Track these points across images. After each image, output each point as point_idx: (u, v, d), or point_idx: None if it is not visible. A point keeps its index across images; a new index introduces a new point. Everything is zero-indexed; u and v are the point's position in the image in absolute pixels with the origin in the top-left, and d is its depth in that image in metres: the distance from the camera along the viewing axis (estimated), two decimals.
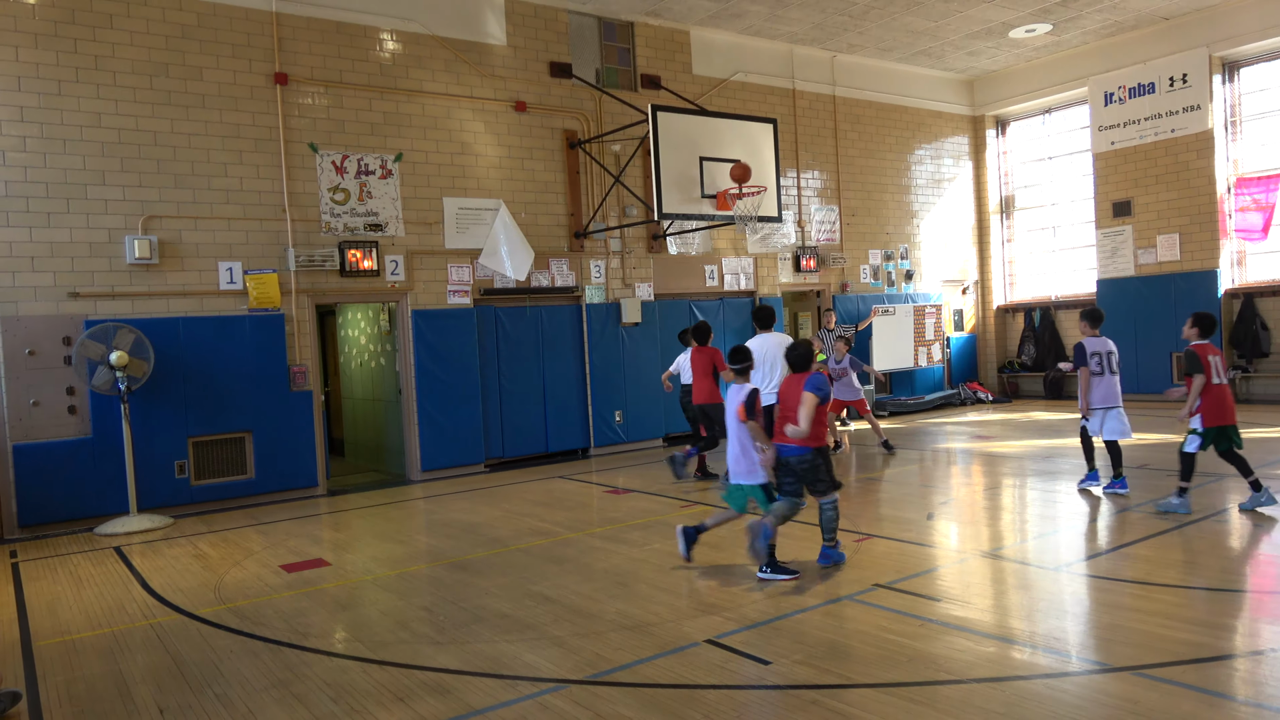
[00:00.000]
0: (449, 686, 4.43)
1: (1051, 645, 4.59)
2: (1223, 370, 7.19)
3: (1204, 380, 7.09)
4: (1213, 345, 7.30)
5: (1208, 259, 14.70)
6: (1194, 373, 7.13)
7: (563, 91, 12.51)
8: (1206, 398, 7.11)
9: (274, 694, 4.47)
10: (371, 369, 12.50)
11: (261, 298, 10.13)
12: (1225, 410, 7.14)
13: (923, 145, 17.01)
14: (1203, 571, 5.69)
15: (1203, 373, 7.08)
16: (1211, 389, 7.11)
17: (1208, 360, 7.12)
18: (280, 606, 5.99)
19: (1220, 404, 7.12)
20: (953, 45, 15.42)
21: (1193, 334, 7.41)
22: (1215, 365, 7.14)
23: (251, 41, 10.18)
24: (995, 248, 18.07)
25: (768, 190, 11.62)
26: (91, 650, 5.31)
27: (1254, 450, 9.98)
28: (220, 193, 9.97)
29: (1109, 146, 15.84)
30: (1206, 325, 7.35)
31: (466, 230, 11.62)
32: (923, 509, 8.00)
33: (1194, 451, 7.19)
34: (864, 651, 4.57)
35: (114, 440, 9.18)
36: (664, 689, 4.26)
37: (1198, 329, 7.37)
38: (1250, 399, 14.55)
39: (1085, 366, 7.96)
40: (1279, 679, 4.02)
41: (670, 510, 8.46)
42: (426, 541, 7.88)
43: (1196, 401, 7.14)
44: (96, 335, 8.86)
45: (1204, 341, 7.29)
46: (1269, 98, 14.47)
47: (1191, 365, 7.15)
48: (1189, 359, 7.18)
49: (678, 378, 10.33)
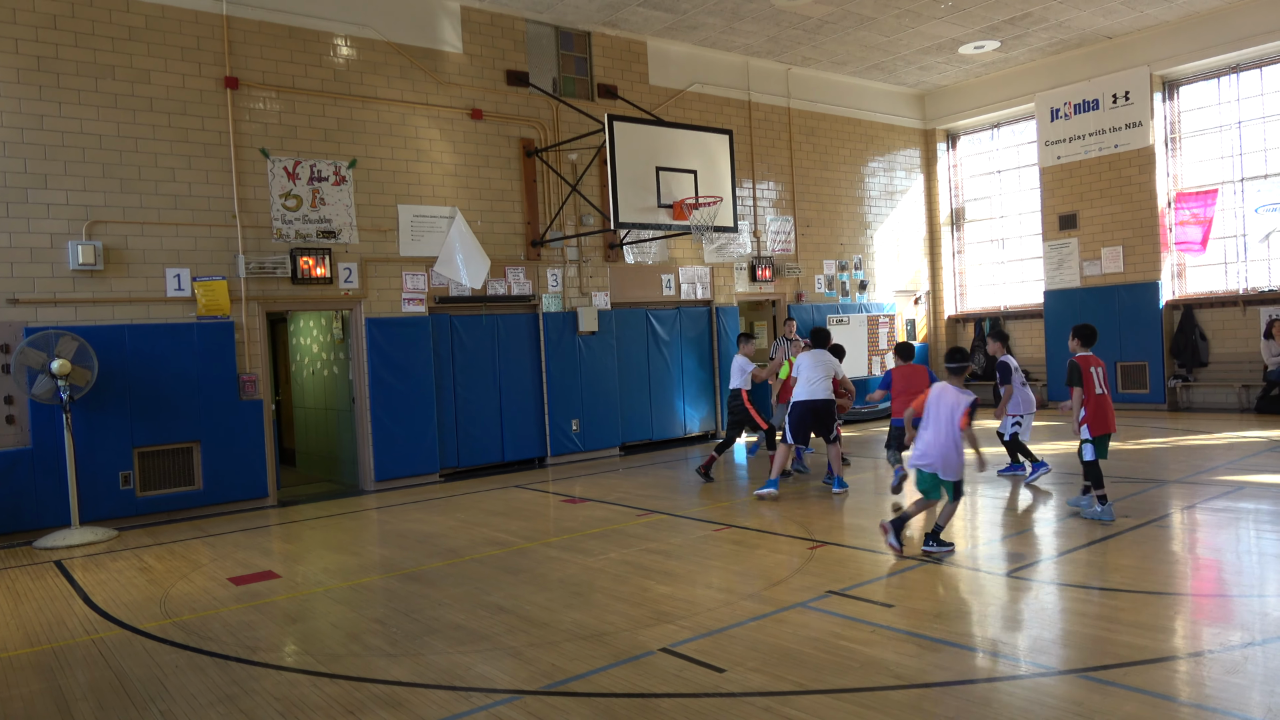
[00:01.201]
0: (401, 699, 4.38)
1: (1000, 650, 4.67)
2: (1103, 380, 7.43)
3: (1082, 391, 7.34)
4: (1095, 356, 7.53)
5: (1150, 271, 15.12)
6: (1074, 384, 7.39)
7: (519, 100, 12.49)
8: (1090, 407, 7.35)
9: (221, 709, 4.37)
10: (324, 377, 12.33)
11: (210, 305, 9.94)
12: (1108, 419, 7.40)
13: (876, 157, 17.28)
14: (1146, 576, 5.83)
15: (1082, 384, 7.35)
16: (1093, 398, 7.35)
17: (1089, 371, 7.37)
18: (228, 620, 5.87)
19: (1101, 413, 7.36)
20: (905, 60, 15.70)
21: (1074, 345, 7.68)
22: (1096, 376, 7.38)
23: (201, 45, 10.01)
24: (946, 259, 18.40)
25: (724, 200, 11.71)
26: (29, 667, 5.15)
27: (1193, 456, 10.28)
28: (168, 198, 9.77)
29: (1055, 161, 16.24)
30: (1086, 336, 7.64)
31: (422, 238, 11.53)
32: (875, 516, 8.09)
33: (1093, 459, 7.40)
34: (817, 658, 4.60)
35: (55, 451, 8.93)
36: (619, 698, 4.25)
37: (1078, 340, 7.65)
38: (1191, 407, 14.98)
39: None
40: (1218, 680, 4.13)
41: (627, 519, 8.46)
42: (379, 552, 7.78)
43: (1081, 412, 7.38)
44: (37, 343, 8.62)
45: (1086, 353, 7.55)
46: (1207, 115, 14.95)
47: (1072, 377, 7.41)
48: (1070, 370, 7.43)
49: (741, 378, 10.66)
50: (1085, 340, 7.62)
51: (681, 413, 14.15)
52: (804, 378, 9.29)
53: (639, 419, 13.63)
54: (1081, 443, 7.46)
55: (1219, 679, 4.14)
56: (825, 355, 9.45)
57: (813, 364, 9.29)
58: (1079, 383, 7.36)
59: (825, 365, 9.31)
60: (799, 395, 9.26)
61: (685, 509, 8.86)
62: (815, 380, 9.19)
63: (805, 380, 9.25)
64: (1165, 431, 12.55)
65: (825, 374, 9.26)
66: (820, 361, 9.31)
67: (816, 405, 9.18)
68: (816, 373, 9.22)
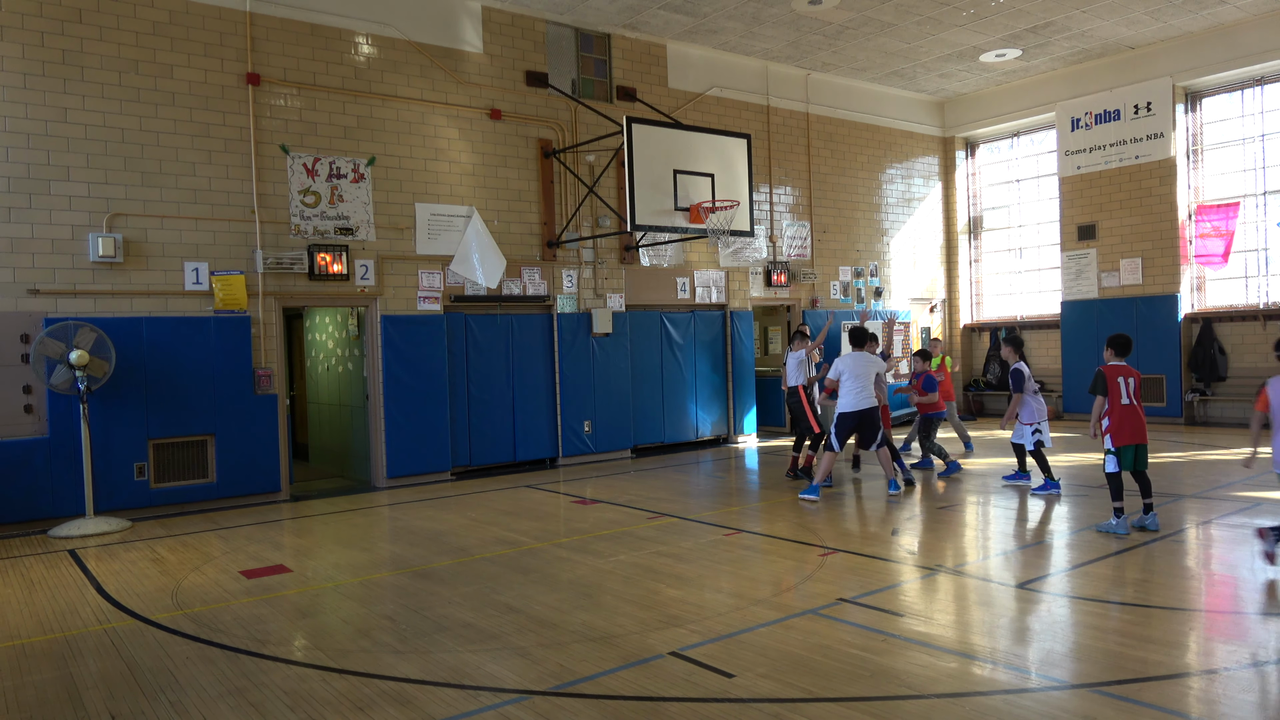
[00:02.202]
0: (410, 696, 4.38)
1: (1012, 661, 4.64)
2: (1133, 391, 7.33)
3: (1105, 400, 7.28)
4: (1128, 366, 7.43)
5: (1169, 283, 15.01)
6: (1099, 393, 7.33)
7: (538, 101, 12.52)
8: (1114, 417, 7.29)
9: (230, 701, 4.39)
10: (339, 373, 12.38)
11: (228, 299, 10.00)
12: (1135, 429, 7.31)
13: (894, 164, 17.22)
14: (1160, 590, 5.78)
15: (1106, 393, 7.29)
16: (1118, 409, 7.27)
17: (1115, 381, 7.29)
18: (239, 613, 5.90)
19: (1127, 423, 7.28)
20: (925, 67, 15.64)
21: (1108, 355, 7.58)
22: (1125, 386, 7.30)
23: (224, 41, 10.08)
24: (963, 267, 18.31)
25: (740, 205, 11.69)
26: (42, 655, 5.18)
27: (1209, 471, 10.18)
28: (188, 192, 9.84)
29: (1075, 171, 16.14)
30: (1121, 346, 7.54)
31: (438, 236, 11.57)
32: (887, 525, 8.05)
33: (1114, 471, 7.34)
34: (827, 666, 4.58)
35: (72, 440, 9.00)
36: (627, 701, 4.24)
37: (1112, 349, 7.56)
38: (1208, 421, 14.85)
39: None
40: (1231, 698, 4.09)
41: (637, 522, 8.45)
42: (390, 549, 7.80)
43: (1104, 422, 7.33)
44: (56, 333, 8.69)
45: (1118, 362, 7.45)
46: (1229, 127, 14.83)
47: (1096, 385, 7.35)
48: (1095, 378, 7.37)
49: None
50: (1120, 350, 7.51)
51: (694, 416, 14.13)
52: (850, 385, 8.97)
53: (651, 422, 13.62)
54: (1105, 453, 7.40)
55: (1233, 697, 4.09)
56: (869, 357, 9.21)
57: (857, 367, 8.99)
58: (1103, 391, 7.30)
59: (869, 366, 9.02)
60: (846, 406, 8.97)
61: (696, 512, 8.85)
62: (862, 387, 8.95)
63: (851, 389, 8.95)
64: (1182, 446, 12.45)
65: (869, 378, 8.98)
66: (865, 363, 9.05)
67: (865, 414, 9.00)
68: (861, 378, 8.93)
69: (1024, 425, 9.29)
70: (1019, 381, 9.29)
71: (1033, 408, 9.26)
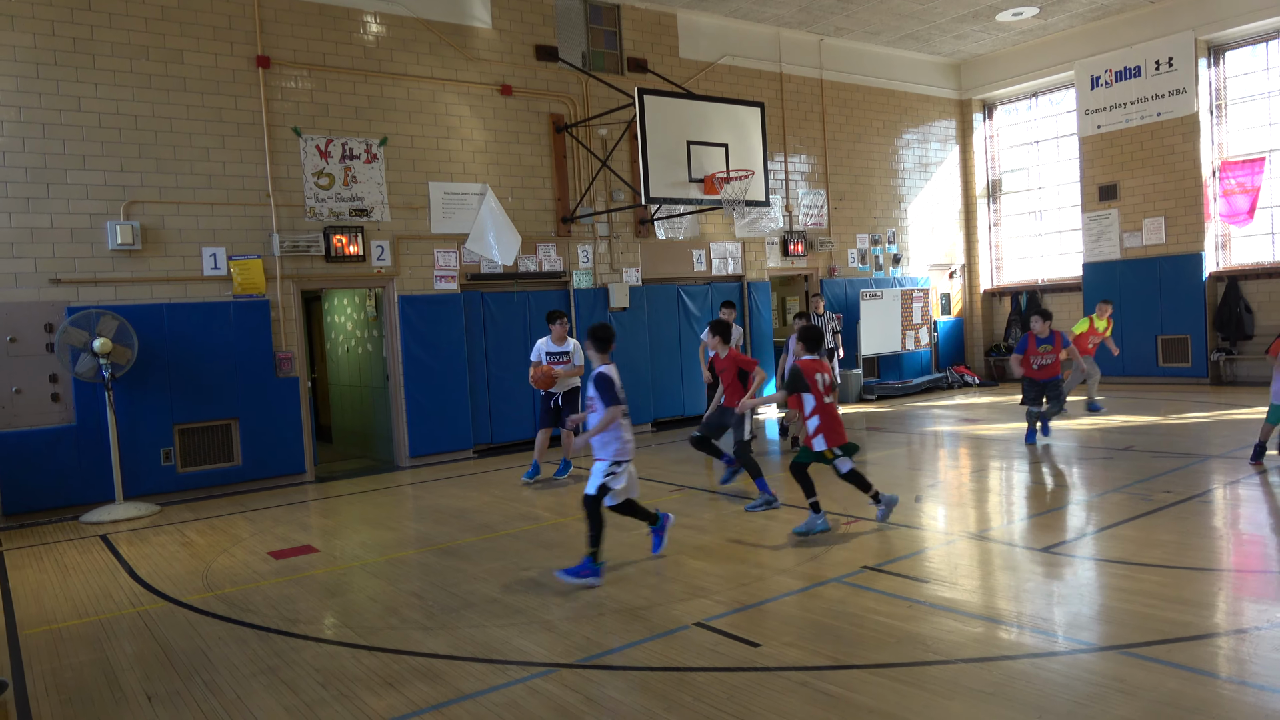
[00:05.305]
0: (439, 671, 4.43)
1: (1038, 625, 4.62)
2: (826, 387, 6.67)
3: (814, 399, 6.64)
4: (822, 361, 6.82)
5: (1193, 242, 14.78)
6: (798, 389, 6.68)
7: (549, 75, 12.43)
8: (823, 417, 6.64)
9: (263, 680, 4.46)
10: (358, 355, 12.44)
11: (246, 283, 10.05)
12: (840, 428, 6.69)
13: (910, 129, 17.00)
14: (1187, 552, 5.74)
15: (809, 389, 6.64)
16: (821, 406, 6.64)
17: (814, 378, 6.65)
18: (268, 593, 5.97)
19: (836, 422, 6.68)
20: (940, 29, 15.39)
21: (798, 349, 6.98)
22: (821, 382, 6.66)
23: (233, 24, 10.05)
24: (982, 231, 18.11)
25: (755, 174, 11.60)
26: (78, 638, 5.28)
27: (1236, 431, 10.07)
28: (203, 177, 9.87)
29: (1095, 130, 15.87)
30: (812, 341, 6.88)
31: (453, 215, 11.55)
32: (910, 491, 8.03)
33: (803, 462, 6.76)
34: (852, 633, 4.59)
35: (98, 428, 9.11)
36: (654, 671, 4.27)
37: (803, 344, 6.91)
38: (1235, 381, 14.67)
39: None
40: (1262, 657, 4.06)
41: (659, 495, 8.47)
42: (415, 527, 7.87)
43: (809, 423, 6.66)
44: (79, 322, 8.77)
45: (810, 358, 6.83)
46: (1254, 81, 14.51)
47: (794, 383, 6.68)
48: (792, 375, 6.71)
49: None
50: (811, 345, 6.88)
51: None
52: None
53: (671, 395, 13.62)
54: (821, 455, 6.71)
55: (1263, 656, 4.06)
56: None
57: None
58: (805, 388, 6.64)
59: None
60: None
61: (718, 484, 8.85)
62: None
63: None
64: (1208, 406, 12.31)
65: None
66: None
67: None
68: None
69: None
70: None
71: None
